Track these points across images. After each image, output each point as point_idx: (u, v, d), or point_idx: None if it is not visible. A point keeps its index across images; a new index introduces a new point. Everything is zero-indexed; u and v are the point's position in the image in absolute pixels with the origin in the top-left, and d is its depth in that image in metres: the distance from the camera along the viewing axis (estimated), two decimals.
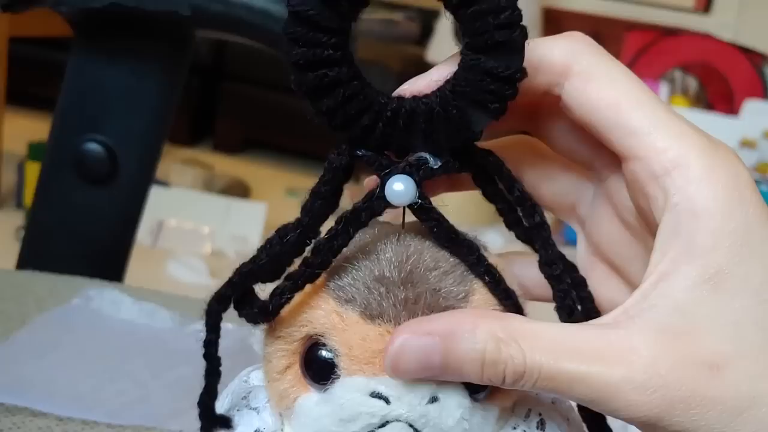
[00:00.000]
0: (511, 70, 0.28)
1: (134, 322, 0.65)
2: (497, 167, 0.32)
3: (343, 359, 0.30)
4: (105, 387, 0.56)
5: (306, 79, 0.29)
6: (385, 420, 0.29)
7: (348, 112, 0.29)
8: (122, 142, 0.70)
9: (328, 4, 0.28)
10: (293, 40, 0.28)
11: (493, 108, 0.29)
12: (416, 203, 0.30)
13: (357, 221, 0.30)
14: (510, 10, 0.28)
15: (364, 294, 0.30)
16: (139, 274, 0.90)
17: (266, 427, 0.32)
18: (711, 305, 0.27)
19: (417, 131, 0.29)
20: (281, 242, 0.30)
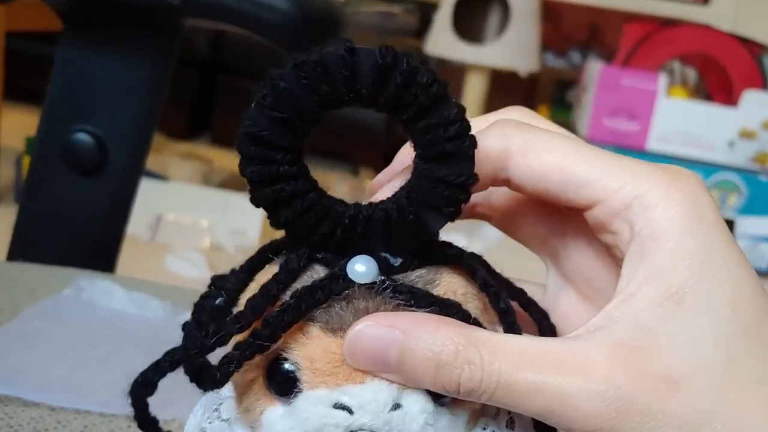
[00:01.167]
0: (463, 177, 0.29)
1: (126, 311, 0.65)
2: (458, 258, 0.32)
3: (305, 373, 0.30)
4: (97, 377, 0.56)
5: (263, 195, 0.29)
6: (349, 430, 0.29)
7: (306, 222, 0.30)
8: (112, 133, 0.70)
9: (281, 125, 0.28)
10: (248, 158, 0.29)
11: (448, 212, 0.30)
12: (381, 281, 0.30)
13: (312, 299, 0.30)
14: (459, 123, 0.29)
15: (325, 308, 0.30)
16: (138, 268, 0.90)
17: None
18: (671, 322, 0.28)
19: (375, 235, 0.30)
20: (216, 333, 0.30)
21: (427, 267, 0.31)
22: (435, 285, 0.31)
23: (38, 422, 0.49)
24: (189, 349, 0.30)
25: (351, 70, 0.28)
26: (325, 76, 0.28)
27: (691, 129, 2.51)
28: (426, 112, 0.29)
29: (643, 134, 2.52)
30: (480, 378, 0.28)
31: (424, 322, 0.29)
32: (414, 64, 0.28)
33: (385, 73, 0.28)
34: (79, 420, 0.50)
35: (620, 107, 2.54)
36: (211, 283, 0.34)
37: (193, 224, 2.20)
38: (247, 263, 0.33)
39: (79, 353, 0.59)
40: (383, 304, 0.30)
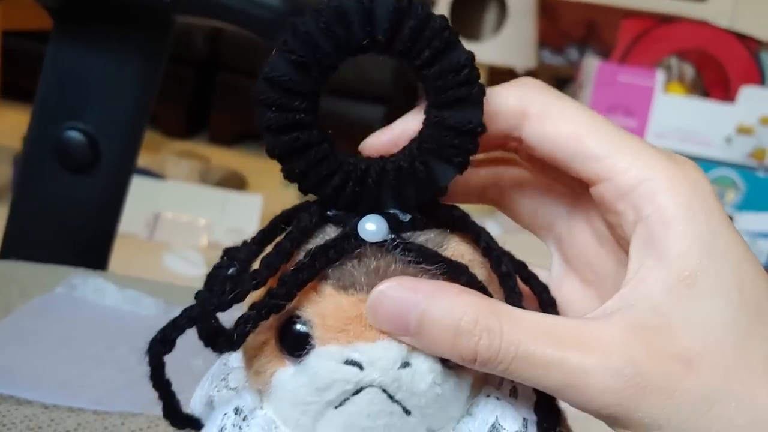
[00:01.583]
0: (472, 124, 0.30)
1: (119, 309, 0.65)
2: (463, 221, 0.33)
3: (317, 329, 0.30)
4: (91, 374, 0.56)
5: (279, 142, 0.30)
6: (359, 386, 0.30)
7: (319, 173, 0.30)
8: (103, 130, 0.70)
9: (299, 70, 0.29)
10: (266, 105, 0.29)
11: (457, 162, 0.31)
12: (391, 239, 0.31)
13: (325, 257, 0.30)
14: (469, 68, 0.30)
15: (337, 267, 0.30)
16: (136, 267, 0.90)
17: (245, 405, 0.32)
18: (684, 305, 0.28)
19: (386, 189, 0.31)
20: (232, 290, 0.30)
21: (435, 230, 0.32)
22: (443, 248, 0.32)
23: (32, 420, 0.49)
24: (206, 305, 0.31)
25: (368, 15, 0.29)
26: (343, 20, 0.29)
27: (689, 125, 2.50)
28: (438, 56, 0.29)
29: (640, 130, 2.52)
30: (498, 347, 0.28)
31: (446, 289, 0.29)
32: (427, 10, 0.29)
33: (400, 17, 0.29)
34: (73, 418, 0.50)
35: (617, 104, 2.54)
36: (224, 254, 0.34)
37: (191, 222, 2.20)
38: (259, 234, 0.33)
39: (72, 351, 0.59)
40: (393, 262, 0.30)
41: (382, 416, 0.30)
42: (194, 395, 0.35)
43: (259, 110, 0.30)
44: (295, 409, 0.31)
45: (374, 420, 0.30)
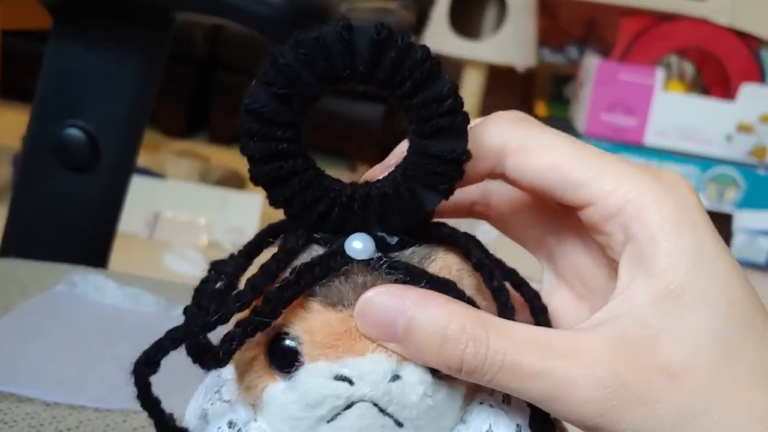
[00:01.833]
0: (456, 153, 0.30)
1: (119, 306, 0.65)
2: (452, 238, 0.33)
3: (305, 346, 0.30)
4: (91, 372, 0.56)
5: (262, 172, 0.30)
6: (350, 401, 0.30)
7: (305, 199, 0.31)
8: (103, 128, 0.70)
9: (280, 101, 0.29)
10: (248, 135, 0.29)
11: (442, 189, 0.31)
12: (377, 257, 0.31)
13: (310, 275, 0.30)
14: (452, 98, 0.30)
15: (324, 284, 0.30)
16: (136, 266, 0.90)
17: (239, 418, 0.32)
18: (670, 318, 0.29)
19: (372, 213, 0.31)
20: (217, 311, 0.30)
21: (423, 245, 0.32)
22: (431, 261, 0.32)
23: (33, 418, 0.49)
24: (191, 326, 0.31)
25: (348, 46, 0.29)
26: (323, 52, 0.29)
27: (689, 123, 2.50)
28: (420, 87, 0.29)
29: (640, 129, 2.52)
30: (485, 356, 0.28)
31: (433, 297, 0.29)
32: (408, 41, 0.29)
33: (381, 48, 0.29)
34: (74, 415, 0.50)
35: (617, 102, 2.54)
36: (211, 268, 0.34)
37: (191, 222, 2.20)
38: (246, 248, 0.33)
39: (73, 348, 0.59)
40: (380, 279, 0.30)
41: (374, 430, 0.30)
42: (188, 408, 0.35)
43: (242, 139, 0.30)
44: (287, 424, 0.31)
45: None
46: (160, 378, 0.32)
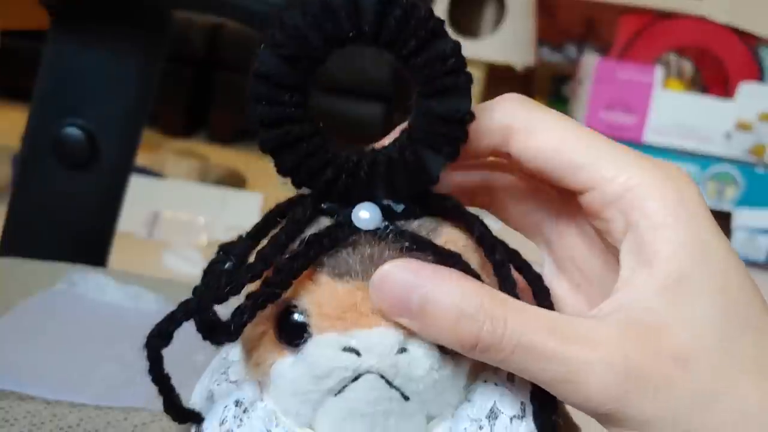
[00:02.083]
0: (460, 113, 0.31)
1: (119, 305, 0.65)
2: (456, 209, 0.33)
3: (314, 318, 0.31)
4: (92, 370, 0.56)
5: (270, 137, 0.30)
6: (357, 373, 0.30)
7: (312, 166, 0.31)
8: (102, 126, 0.70)
9: (287, 64, 0.30)
10: (257, 100, 0.30)
11: (446, 151, 0.31)
12: (384, 226, 0.31)
13: (319, 245, 0.31)
14: (455, 57, 0.30)
15: (332, 255, 0.31)
16: (135, 266, 0.90)
17: (246, 397, 0.33)
18: (676, 305, 0.29)
19: (378, 180, 0.31)
20: (228, 283, 0.31)
21: (429, 217, 0.32)
22: (437, 234, 0.32)
23: (34, 416, 0.49)
24: (203, 298, 0.31)
25: (354, 7, 0.29)
26: (329, 13, 0.29)
27: (688, 121, 2.51)
28: (424, 46, 0.30)
29: (639, 127, 2.52)
30: (501, 335, 0.28)
31: (451, 273, 0.29)
32: (412, 1, 0.30)
33: (385, 8, 0.29)
34: (75, 413, 0.50)
35: (616, 100, 2.54)
36: (220, 249, 0.34)
37: (190, 221, 2.20)
38: (254, 229, 0.34)
39: (73, 347, 0.59)
40: (387, 249, 0.31)
41: (381, 402, 0.30)
42: (195, 390, 0.35)
43: (251, 104, 0.30)
44: (295, 399, 0.31)
45: (373, 406, 0.30)
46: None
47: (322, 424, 0.31)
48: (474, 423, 0.32)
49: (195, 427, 0.34)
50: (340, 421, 0.31)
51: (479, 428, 0.32)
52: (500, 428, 0.32)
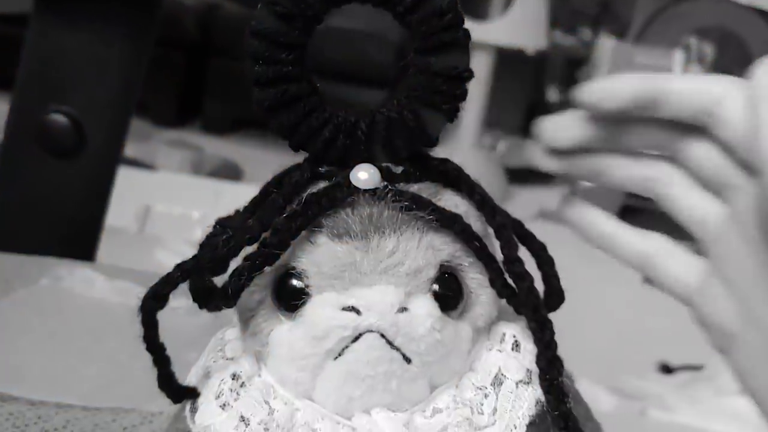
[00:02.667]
0: (458, 69, 0.32)
1: (108, 300, 0.66)
2: (457, 173, 0.34)
3: (312, 278, 0.32)
4: (79, 369, 0.57)
5: (267, 96, 0.32)
6: (357, 332, 0.31)
7: (309, 126, 0.32)
8: (88, 112, 0.70)
9: (284, 21, 0.31)
10: (254, 59, 0.31)
11: (446, 109, 0.32)
12: (383, 186, 0.32)
13: (317, 205, 0.32)
14: (452, 12, 0.31)
15: (330, 215, 0.32)
16: (126, 262, 0.90)
17: (243, 371, 0.34)
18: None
19: (377, 140, 0.32)
20: (226, 244, 0.32)
21: (428, 182, 0.34)
22: (437, 199, 0.33)
23: (18, 417, 0.50)
24: (201, 259, 0.31)
25: None
26: None
27: None
28: (420, 2, 0.31)
29: None
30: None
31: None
32: None
33: None
34: (61, 415, 0.51)
35: None
36: (216, 223, 0.35)
37: (184, 216, 2.20)
38: (251, 203, 0.35)
39: (60, 345, 0.59)
40: (386, 209, 0.32)
41: (381, 363, 0.31)
42: (190, 373, 0.36)
43: (248, 63, 0.31)
44: (294, 365, 0.32)
45: (374, 368, 0.31)
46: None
47: (321, 392, 0.32)
48: (479, 391, 0.33)
49: (190, 404, 0.34)
50: (341, 386, 0.32)
51: (484, 396, 0.33)
52: (506, 393, 0.33)
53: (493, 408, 0.33)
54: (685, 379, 1.45)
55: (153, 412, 0.52)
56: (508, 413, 0.33)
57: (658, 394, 1.33)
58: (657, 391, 1.35)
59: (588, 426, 0.36)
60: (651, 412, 1.24)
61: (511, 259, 0.33)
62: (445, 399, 0.33)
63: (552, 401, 0.32)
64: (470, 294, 0.34)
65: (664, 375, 1.53)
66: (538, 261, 0.36)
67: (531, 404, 0.33)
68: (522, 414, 0.33)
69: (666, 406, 1.28)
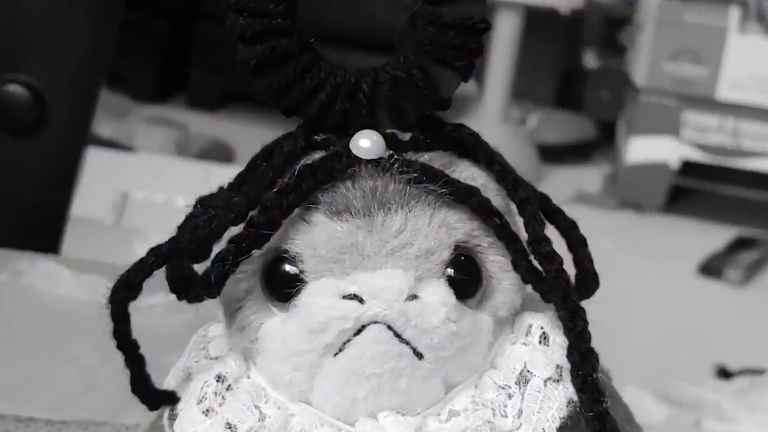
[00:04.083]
0: (473, 19, 0.31)
1: (75, 298, 0.66)
2: (473, 141, 0.34)
3: (308, 263, 0.31)
4: (43, 376, 0.57)
5: (253, 53, 0.31)
6: (360, 323, 0.31)
7: (303, 87, 0.32)
8: (50, 83, 0.70)
9: None
10: (238, 10, 0.31)
11: (460, 66, 0.32)
12: (389, 155, 0.32)
13: (312, 178, 0.31)
14: None
15: (328, 190, 0.32)
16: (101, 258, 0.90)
17: (229, 371, 0.33)
18: None
19: (381, 103, 0.32)
20: (207, 224, 0.32)
21: (440, 151, 0.33)
22: (450, 170, 0.33)
23: None
24: (179, 241, 0.31)
25: None
26: None
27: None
28: None
29: (711, 80, 2.51)
30: None
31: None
32: None
33: None
34: (22, 429, 0.51)
35: (683, 48, 2.53)
36: (197, 203, 0.35)
37: (167, 203, 2.20)
38: (237, 178, 0.34)
39: (19, 349, 0.59)
40: (392, 182, 0.32)
41: (388, 359, 0.31)
42: (169, 375, 0.36)
43: (231, 16, 0.31)
44: (288, 364, 0.32)
45: (380, 365, 0.31)
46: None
47: (320, 393, 0.32)
48: (502, 391, 0.32)
49: (169, 411, 0.34)
50: (342, 386, 0.31)
51: (508, 396, 0.33)
52: (533, 393, 0.32)
53: (519, 410, 0.33)
54: (745, 384, 1.45)
55: (127, 425, 0.52)
56: (535, 415, 0.32)
57: (714, 402, 1.33)
58: (713, 399, 1.35)
59: (627, 430, 0.35)
60: (707, 423, 1.24)
61: (537, 238, 0.33)
62: (463, 400, 0.33)
63: (586, 401, 0.32)
64: (490, 279, 0.34)
65: (722, 380, 1.53)
66: (569, 241, 0.36)
67: (562, 405, 0.33)
68: (551, 416, 0.33)
69: (724, 415, 1.28)
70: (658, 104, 2.42)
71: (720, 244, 2.15)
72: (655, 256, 2.12)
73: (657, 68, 2.54)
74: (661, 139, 2.43)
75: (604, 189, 2.55)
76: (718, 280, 1.98)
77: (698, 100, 2.50)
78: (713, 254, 2.10)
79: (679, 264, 2.05)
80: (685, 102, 2.47)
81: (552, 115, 2.92)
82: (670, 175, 2.43)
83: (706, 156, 2.43)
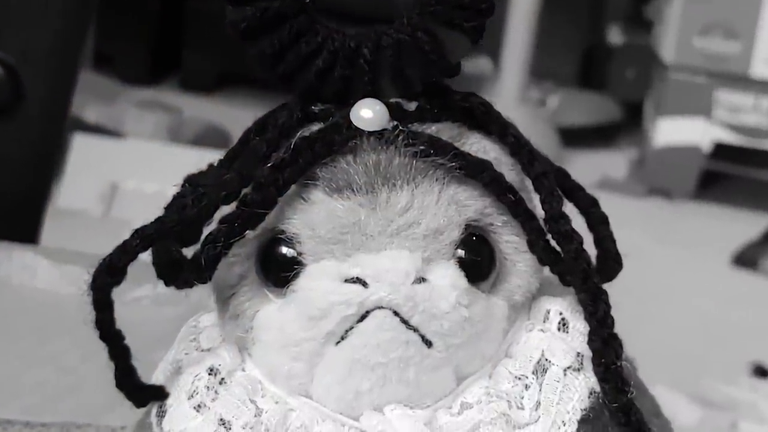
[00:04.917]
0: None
1: (55, 291, 0.66)
2: (485, 110, 0.34)
3: (306, 244, 0.32)
4: (21, 375, 0.57)
5: (243, 15, 0.31)
6: (364, 309, 0.30)
7: (298, 53, 0.31)
8: (26, 59, 0.70)
9: None
10: None
11: (469, 28, 0.31)
12: (393, 126, 0.32)
13: (310, 152, 0.31)
14: None
15: (328, 165, 0.32)
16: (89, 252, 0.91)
17: (222, 364, 0.34)
18: None
19: (383, 70, 0.32)
20: (197, 203, 0.32)
21: (449, 121, 0.33)
22: (460, 143, 0.32)
23: None
24: (166, 222, 0.31)
25: None
26: None
27: None
28: None
29: (745, 56, 2.50)
30: None
31: None
32: None
33: None
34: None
35: (715, 22, 2.53)
36: (185, 181, 0.35)
37: (159, 193, 2.20)
38: (229, 155, 0.34)
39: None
40: (397, 155, 0.31)
41: (395, 347, 0.31)
42: (157, 369, 0.36)
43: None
44: (285, 354, 0.32)
45: (386, 353, 0.31)
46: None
47: (321, 386, 0.32)
48: (518, 382, 0.32)
49: (157, 407, 0.34)
50: (345, 377, 0.32)
51: (525, 387, 0.33)
52: (551, 383, 0.32)
53: (536, 401, 0.32)
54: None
55: (113, 427, 0.52)
56: (554, 407, 0.32)
57: (751, 402, 1.33)
58: (750, 399, 1.35)
59: (655, 423, 0.35)
60: (743, 425, 1.24)
61: (555, 215, 0.33)
62: (476, 391, 0.33)
63: (609, 391, 0.32)
64: (504, 261, 0.34)
65: (759, 379, 1.53)
66: (589, 219, 0.36)
67: (583, 395, 0.33)
68: (572, 408, 0.32)
69: (761, 417, 1.28)
70: (688, 83, 2.41)
71: (755, 233, 2.15)
72: (685, 246, 2.12)
73: (686, 44, 2.54)
74: (691, 120, 2.43)
75: (630, 174, 2.55)
76: (754, 272, 1.98)
77: (731, 78, 2.49)
78: (748, 244, 2.10)
79: (712, 254, 2.05)
80: (717, 80, 2.47)
81: (574, 96, 2.92)
82: (702, 159, 2.43)
83: (740, 138, 2.43)
